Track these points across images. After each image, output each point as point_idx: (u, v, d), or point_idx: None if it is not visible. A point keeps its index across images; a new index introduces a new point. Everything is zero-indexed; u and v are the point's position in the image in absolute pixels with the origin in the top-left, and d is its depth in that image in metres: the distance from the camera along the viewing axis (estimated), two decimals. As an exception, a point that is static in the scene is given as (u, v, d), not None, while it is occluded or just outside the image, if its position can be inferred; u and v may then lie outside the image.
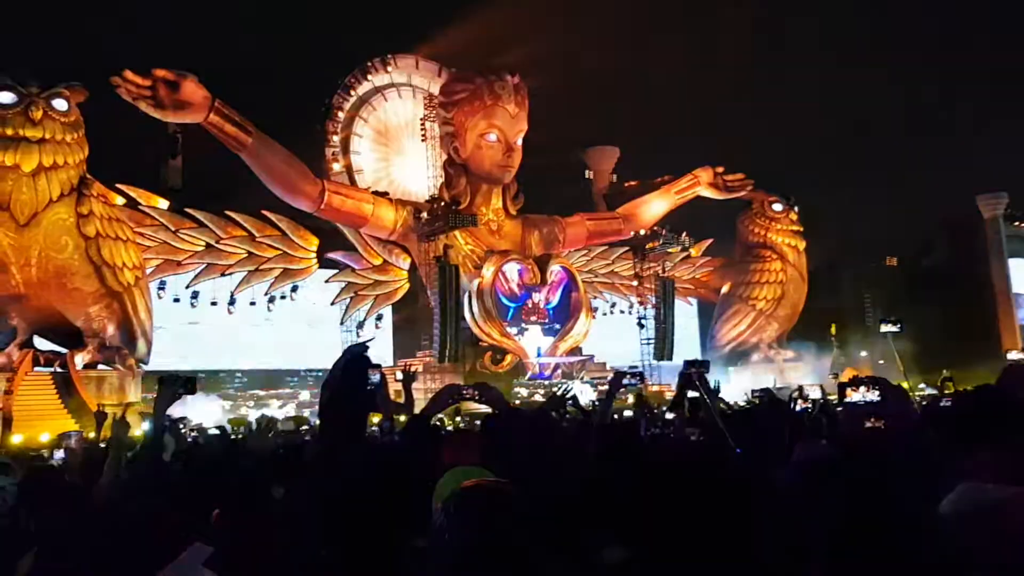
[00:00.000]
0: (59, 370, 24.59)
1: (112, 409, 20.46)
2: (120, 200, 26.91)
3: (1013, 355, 22.46)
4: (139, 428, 8.45)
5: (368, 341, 4.01)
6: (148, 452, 4.29)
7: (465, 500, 2.03)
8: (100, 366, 25.34)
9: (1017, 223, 47.52)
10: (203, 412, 20.26)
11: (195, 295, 29.60)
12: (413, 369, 9.34)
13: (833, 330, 37.18)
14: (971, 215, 46.18)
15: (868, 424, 6.19)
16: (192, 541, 1.96)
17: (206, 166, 28.10)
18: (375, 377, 5.18)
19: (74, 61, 25.80)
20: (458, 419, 14.28)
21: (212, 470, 4.58)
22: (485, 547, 1.92)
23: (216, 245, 29.51)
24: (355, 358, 4.51)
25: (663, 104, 38.34)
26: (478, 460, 3.19)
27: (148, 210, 28.07)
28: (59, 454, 12.31)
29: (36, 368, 24.53)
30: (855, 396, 8.41)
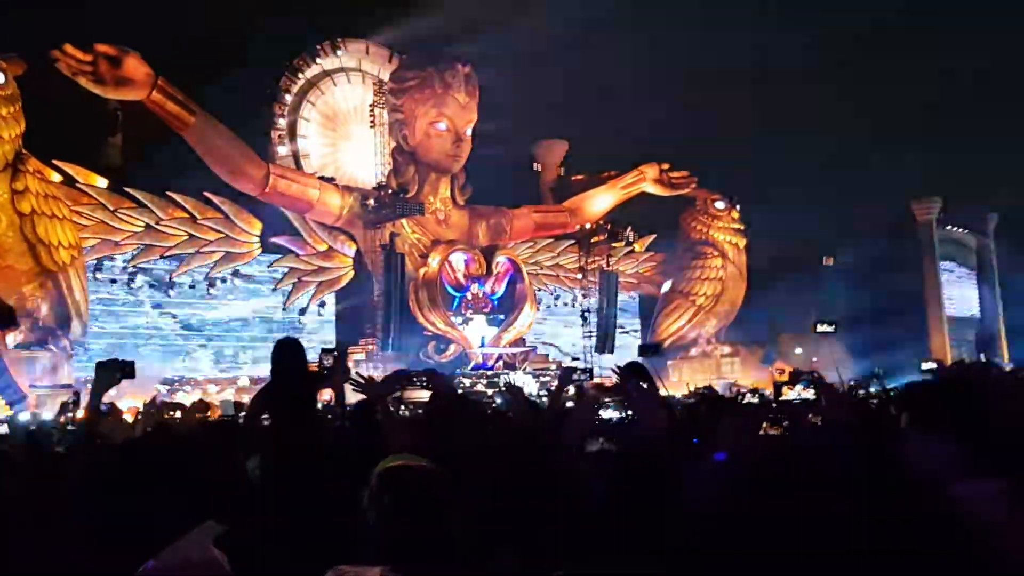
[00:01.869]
0: (-11, 349, 23.95)
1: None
2: (57, 177, 26.24)
3: (926, 366, 23.23)
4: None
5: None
6: (85, 435, 4.26)
7: (384, 481, 2.12)
8: (33, 347, 24.71)
9: (949, 227, 49.09)
10: (139, 397, 19.88)
11: (132, 277, 29.03)
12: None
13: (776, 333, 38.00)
14: (905, 219, 47.51)
15: (811, 419, 6.39)
16: (202, 520, 2.00)
17: (147, 145, 27.50)
18: (327, 361, 5.21)
19: (12, 32, 24.97)
20: (402, 407, 14.30)
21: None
22: (402, 526, 2.00)
23: (156, 226, 28.95)
24: (284, 346, 4.61)
25: (612, 99, 38.59)
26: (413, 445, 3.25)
27: (86, 188, 27.42)
28: (2, 429, 12.10)
29: (-35, 347, 23.88)
30: (791, 394, 8.65)
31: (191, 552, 1.84)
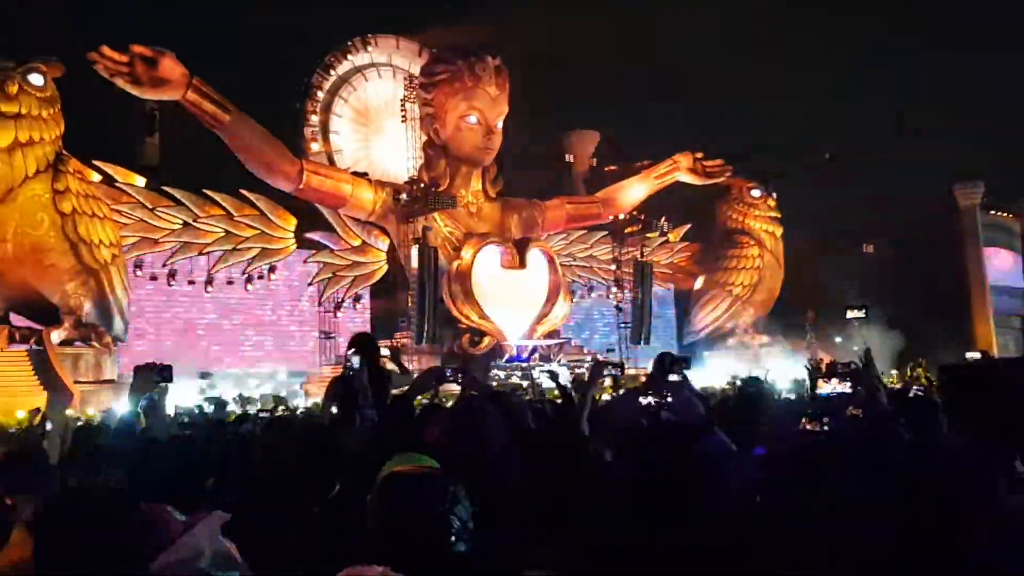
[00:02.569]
0: (35, 347, 24.45)
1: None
2: (96, 177, 26.69)
3: (971, 355, 22.78)
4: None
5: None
6: (121, 436, 4.35)
7: (387, 487, 2.12)
8: (76, 343, 25.20)
9: (993, 212, 48.05)
10: (181, 394, 20.19)
11: (172, 274, 29.44)
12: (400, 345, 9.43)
13: (812, 319, 37.50)
14: (948, 204, 46.51)
15: (851, 413, 6.29)
16: (210, 510, 2.02)
17: (184, 144, 27.89)
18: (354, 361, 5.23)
19: (50, 35, 25.42)
20: (436, 401, 14.38)
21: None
22: (401, 532, 2.00)
23: (193, 224, 29.35)
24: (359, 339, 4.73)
25: (645, 88, 38.33)
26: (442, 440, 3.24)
27: (125, 187, 27.85)
28: (50, 426, 12.38)
29: (11, 345, 24.39)
30: (826, 388, 8.50)
31: (202, 543, 1.87)
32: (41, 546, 1.87)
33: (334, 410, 4.81)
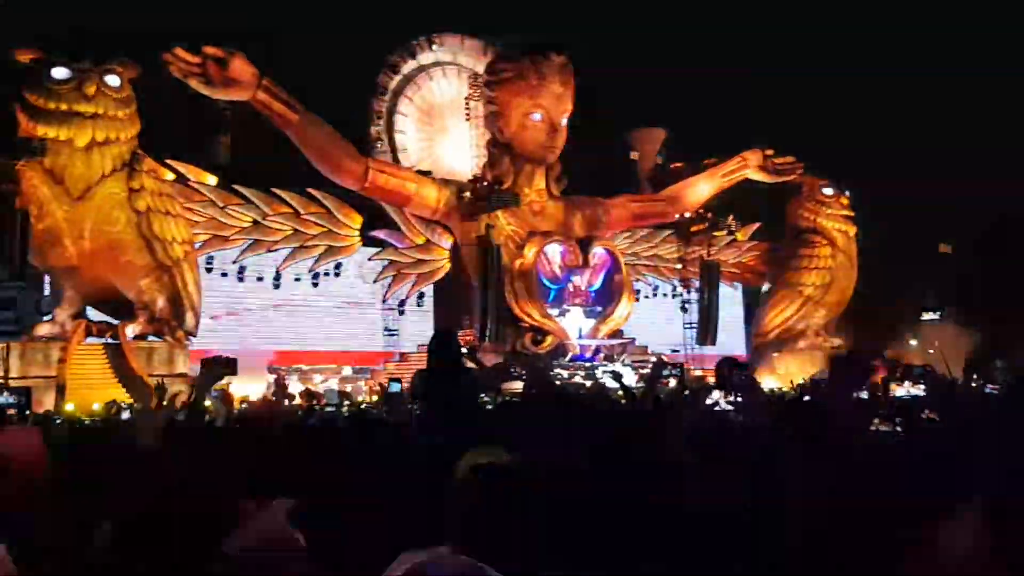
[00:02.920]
0: (110, 341, 25.18)
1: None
2: (170, 176, 27.34)
3: None
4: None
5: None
6: (189, 423, 4.38)
7: (475, 476, 2.07)
8: (150, 337, 25.88)
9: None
10: (249, 386, 20.59)
11: (242, 270, 30.00)
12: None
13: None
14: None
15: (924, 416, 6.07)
16: (275, 497, 2.01)
17: (253, 143, 28.40)
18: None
19: (125, 37, 26.15)
20: (498, 399, 14.35)
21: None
22: (485, 527, 1.96)
23: (263, 221, 29.85)
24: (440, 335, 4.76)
25: (712, 84, 37.74)
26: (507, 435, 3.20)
27: (197, 186, 28.46)
28: (124, 415, 12.72)
29: (88, 339, 25.16)
30: (899, 391, 8.25)
31: (268, 530, 1.84)
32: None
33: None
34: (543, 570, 1.99)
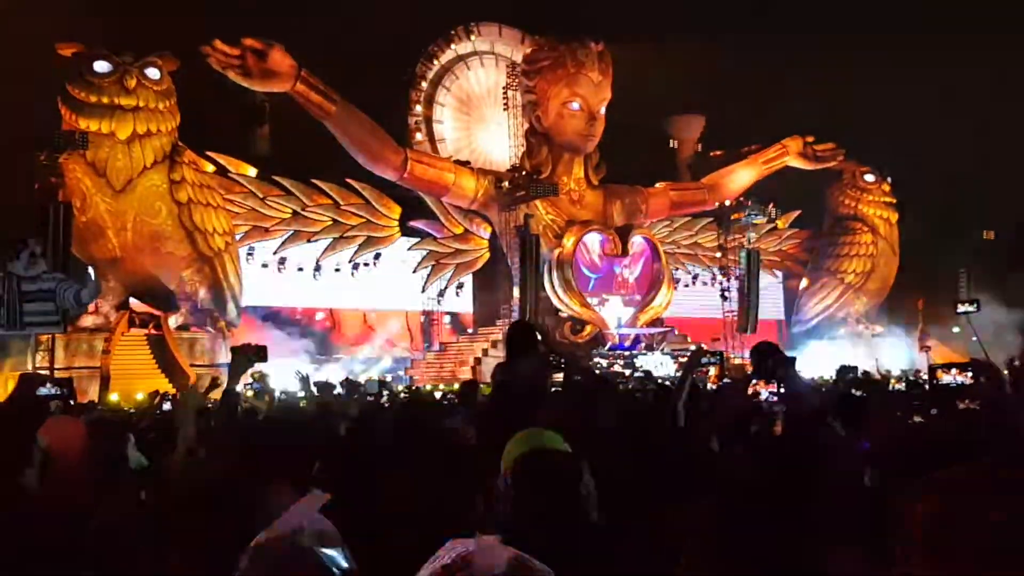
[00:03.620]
0: (153, 331, 25.57)
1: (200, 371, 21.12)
2: (210, 167, 27.64)
3: None
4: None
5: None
6: (224, 413, 4.37)
7: (525, 466, 2.05)
8: (192, 328, 26.22)
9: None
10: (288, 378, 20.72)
11: (282, 261, 30.25)
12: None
13: (921, 305, 35.84)
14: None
15: (961, 406, 5.93)
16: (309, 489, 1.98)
17: (292, 134, 28.58)
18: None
19: (165, 31, 26.43)
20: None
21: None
22: (540, 515, 1.93)
23: (302, 212, 30.07)
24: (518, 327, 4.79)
25: (752, 72, 37.15)
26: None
27: (237, 177, 28.74)
28: (166, 406, 12.86)
29: (131, 329, 25.57)
30: (946, 378, 8.08)
31: (302, 520, 1.79)
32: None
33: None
34: (587, 561, 1.92)
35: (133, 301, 26.59)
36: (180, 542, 2.60)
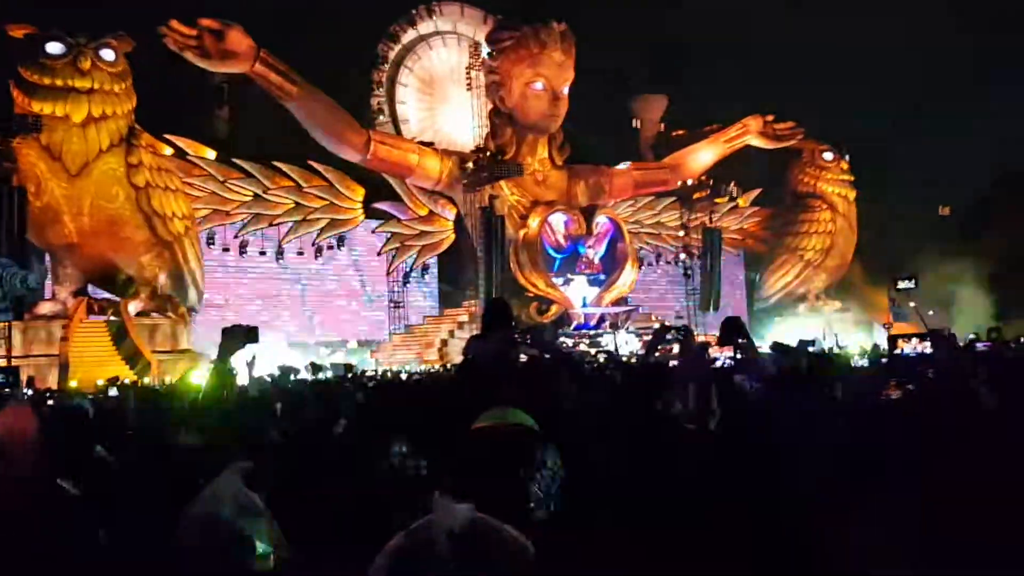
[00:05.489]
0: (113, 318, 25.16)
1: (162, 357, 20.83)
2: (168, 150, 27.18)
3: None
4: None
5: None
6: (213, 396, 4.35)
7: (468, 442, 2.02)
8: (152, 314, 25.85)
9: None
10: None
11: (244, 245, 29.92)
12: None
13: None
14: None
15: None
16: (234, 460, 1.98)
17: (253, 116, 28.21)
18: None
19: (120, 11, 25.89)
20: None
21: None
22: (479, 489, 1.92)
23: (263, 195, 29.73)
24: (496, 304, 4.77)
25: (714, 51, 37.35)
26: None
27: (196, 160, 28.31)
28: (112, 391, 12.73)
29: (90, 316, 25.14)
30: (907, 348, 8.25)
31: (224, 494, 1.82)
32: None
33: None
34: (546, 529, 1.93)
35: (91, 287, 26.14)
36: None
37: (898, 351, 8.49)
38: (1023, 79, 37.68)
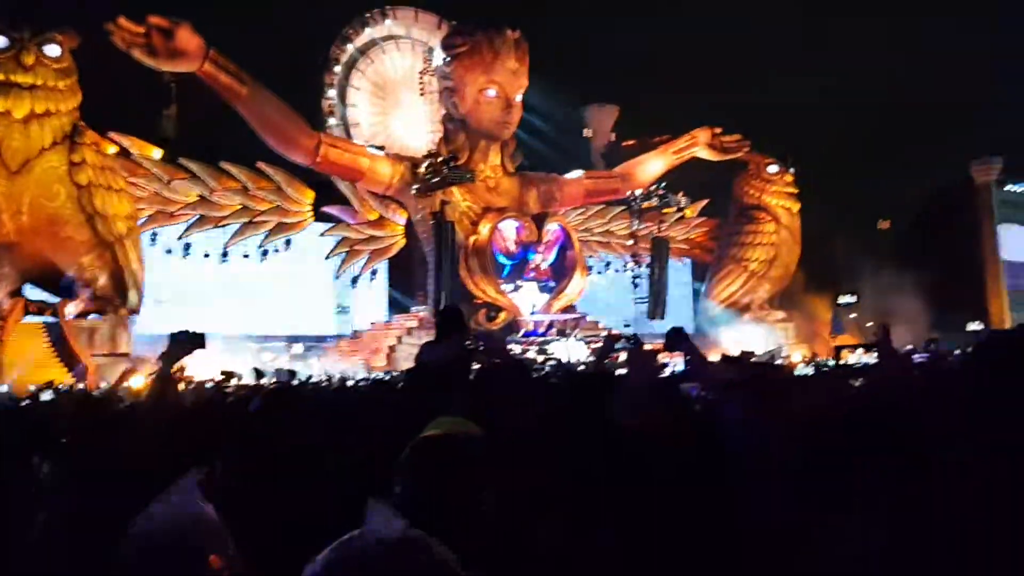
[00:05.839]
0: (50, 319, 24.55)
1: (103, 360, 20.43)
2: (113, 149, 26.65)
3: (972, 326, 22.53)
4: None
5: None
6: (153, 403, 4.28)
7: (417, 452, 2.01)
8: (91, 316, 25.28)
9: (1009, 187, 47.53)
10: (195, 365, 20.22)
11: (187, 247, 29.43)
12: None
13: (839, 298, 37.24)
14: (964, 181, 46.13)
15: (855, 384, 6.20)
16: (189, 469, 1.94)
17: (200, 116, 27.77)
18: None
19: (66, 6, 25.35)
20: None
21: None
22: (431, 500, 1.92)
23: (210, 197, 29.29)
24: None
25: (664, 63, 37.92)
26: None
27: (141, 160, 27.81)
28: (47, 395, 12.37)
29: (27, 317, 24.49)
30: (851, 358, 8.42)
31: (177, 505, 1.78)
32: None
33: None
34: (487, 545, 1.94)
35: (28, 287, 25.47)
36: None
37: (842, 361, 8.67)
38: (964, 94, 38.99)
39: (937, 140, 37.70)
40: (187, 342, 4.01)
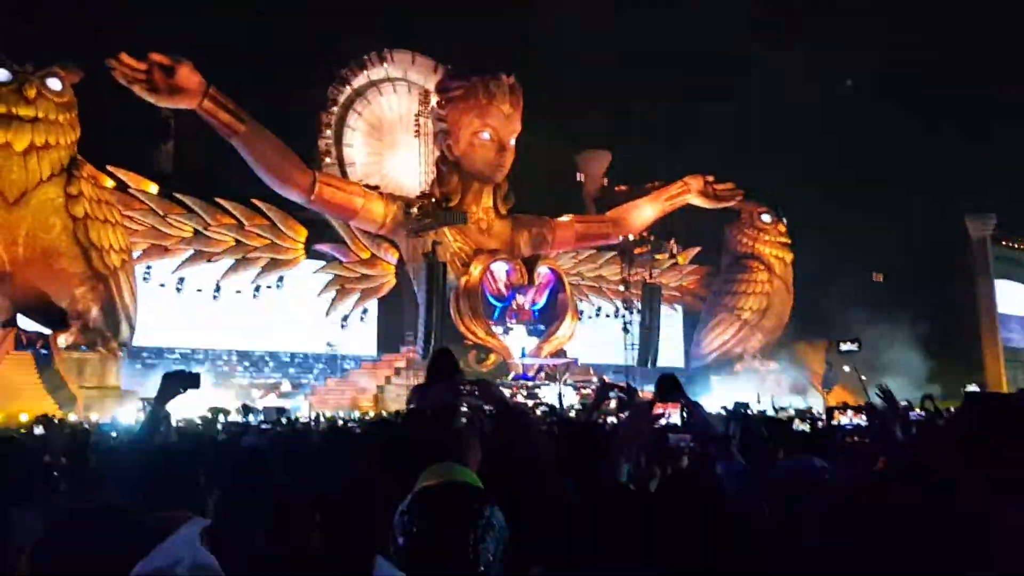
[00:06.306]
0: (41, 351, 24.43)
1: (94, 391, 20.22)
2: (110, 183, 26.78)
3: (970, 388, 22.49)
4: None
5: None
6: (143, 442, 4.30)
7: (417, 503, 2.03)
8: (82, 348, 25.19)
9: (1004, 243, 47.85)
10: (183, 401, 20.09)
11: (181, 281, 29.44)
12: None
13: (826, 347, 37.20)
14: (959, 235, 46.39)
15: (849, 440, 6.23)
16: (188, 517, 1.95)
17: (197, 152, 27.98)
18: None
19: (69, 41, 25.62)
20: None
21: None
22: (431, 551, 1.92)
23: (204, 232, 29.40)
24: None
25: (657, 110, 38.35)
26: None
27: (137, 194, 27.93)
28: (38, 430, 12.25)
29: (18, 348, 24.36)
30: (843, 419, 8.40)
31: (181, 551, 1.81)
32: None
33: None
34: None
35: (21, 318, 25.39)
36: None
37: (835, 422, 8.63)
38: (956, 149, 39.44)
39: (930, 192, 38.05)
40: (181, 382, 4.02)
